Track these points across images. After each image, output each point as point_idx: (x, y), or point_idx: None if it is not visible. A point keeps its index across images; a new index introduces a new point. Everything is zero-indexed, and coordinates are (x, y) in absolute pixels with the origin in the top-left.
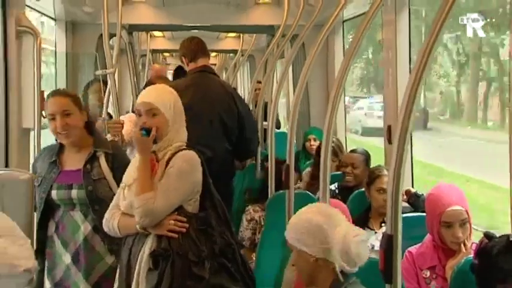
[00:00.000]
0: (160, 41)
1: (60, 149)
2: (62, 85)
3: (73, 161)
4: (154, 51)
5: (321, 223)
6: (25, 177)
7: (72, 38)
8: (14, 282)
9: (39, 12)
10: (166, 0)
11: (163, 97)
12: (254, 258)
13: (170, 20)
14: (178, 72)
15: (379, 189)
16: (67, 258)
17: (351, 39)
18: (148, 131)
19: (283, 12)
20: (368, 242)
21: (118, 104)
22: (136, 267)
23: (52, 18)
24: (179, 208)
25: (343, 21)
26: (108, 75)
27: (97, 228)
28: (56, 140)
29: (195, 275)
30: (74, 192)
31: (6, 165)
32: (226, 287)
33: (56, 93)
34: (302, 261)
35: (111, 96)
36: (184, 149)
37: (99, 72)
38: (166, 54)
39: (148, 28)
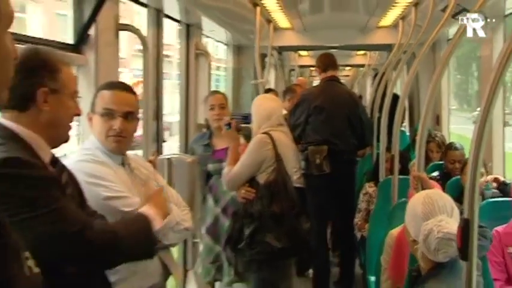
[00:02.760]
0: (306, 58)
1: (210, 134)
2: (228, 92)
3: (221, 142)
4: (301, 67)
5: (419, 212)
6: (190, 160)
7: (237, 57)
8: (177, 237)
9: (216, 40)
10: (307, 27)
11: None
12: (366, 227)
13: (311, 42)
14: None
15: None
16: (217, 210)
17: None
18: (230, 125)
19: (398, 33)
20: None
21: None
22: None
23: (224, 43)
24: (253, 179)
25: (448, 40)
26: (258, 84)
27: None
28: (209, 130)
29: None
30: (224, 165)
31: (186, 152)
32: (265, 241)
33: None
34: (407, 237)
35: None
36: (263, 133)
37: (253, 81)
38: (312, 68)
39: (293, 49)
